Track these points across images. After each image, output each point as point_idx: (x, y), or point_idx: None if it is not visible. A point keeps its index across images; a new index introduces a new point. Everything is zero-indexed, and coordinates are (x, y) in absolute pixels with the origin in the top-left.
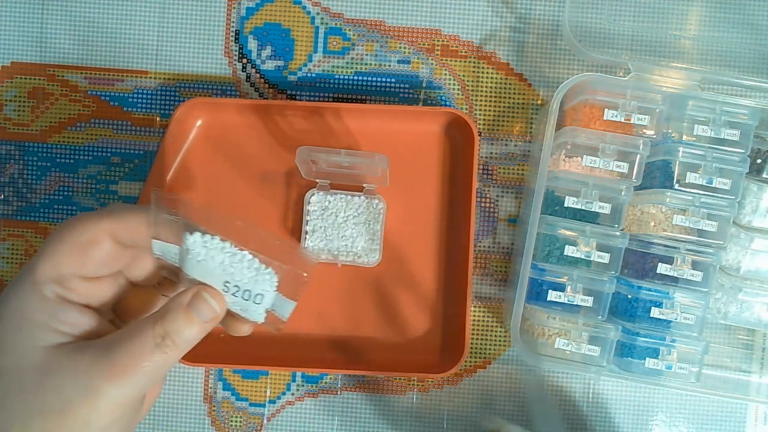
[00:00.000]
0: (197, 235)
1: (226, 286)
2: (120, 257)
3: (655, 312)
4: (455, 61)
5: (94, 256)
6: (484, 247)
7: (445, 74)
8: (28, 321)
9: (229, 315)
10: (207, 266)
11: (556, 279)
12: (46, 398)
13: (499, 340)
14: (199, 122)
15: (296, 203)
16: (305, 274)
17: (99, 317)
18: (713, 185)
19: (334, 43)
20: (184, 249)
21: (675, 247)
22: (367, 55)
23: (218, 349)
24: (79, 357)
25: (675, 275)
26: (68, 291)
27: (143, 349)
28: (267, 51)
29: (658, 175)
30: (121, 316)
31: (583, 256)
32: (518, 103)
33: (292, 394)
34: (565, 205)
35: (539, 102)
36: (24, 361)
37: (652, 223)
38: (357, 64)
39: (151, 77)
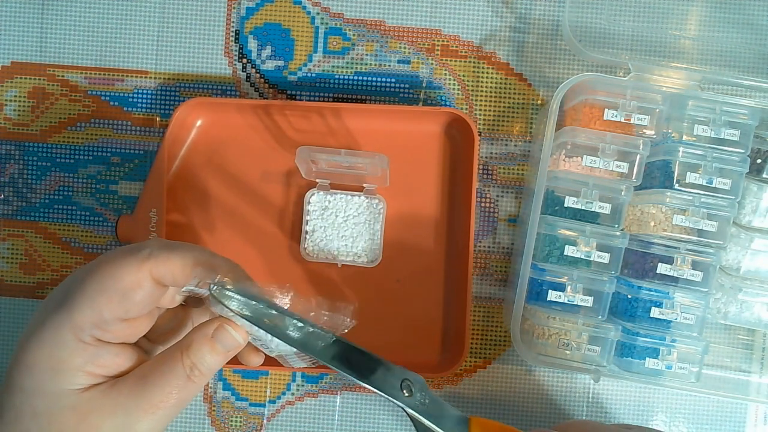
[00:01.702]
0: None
1: (249, 330)
2: (159, 296)
3: (655, 312)
4: (455, 61)
5: (136, 300)
6: (484, 247)
7: (445, 74)
8: (64, 365)
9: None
10: (237, 318)
11: (556, 279)
12: None
13: (499, 340)
14: (199, 122)
15: (296, 203)
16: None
17: (131, 353)
18: (713, 185)
19: (334, 43)
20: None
21: (675, 247)
22: (367, 55)
23: None
24: (115, 394)
25: (675, 275)
26: (106, 333)
27: (176, 382)
28: (267, 51)
29: (658, 175)
30: (147, 335)
31: (583, 256)
32: (518, 103)
33: (292, 394)
34: (565, 205)
35: (539, 102)
36: (59, 404)
37: (652, 223)
38: (357, 64)
39: (151, 77)
